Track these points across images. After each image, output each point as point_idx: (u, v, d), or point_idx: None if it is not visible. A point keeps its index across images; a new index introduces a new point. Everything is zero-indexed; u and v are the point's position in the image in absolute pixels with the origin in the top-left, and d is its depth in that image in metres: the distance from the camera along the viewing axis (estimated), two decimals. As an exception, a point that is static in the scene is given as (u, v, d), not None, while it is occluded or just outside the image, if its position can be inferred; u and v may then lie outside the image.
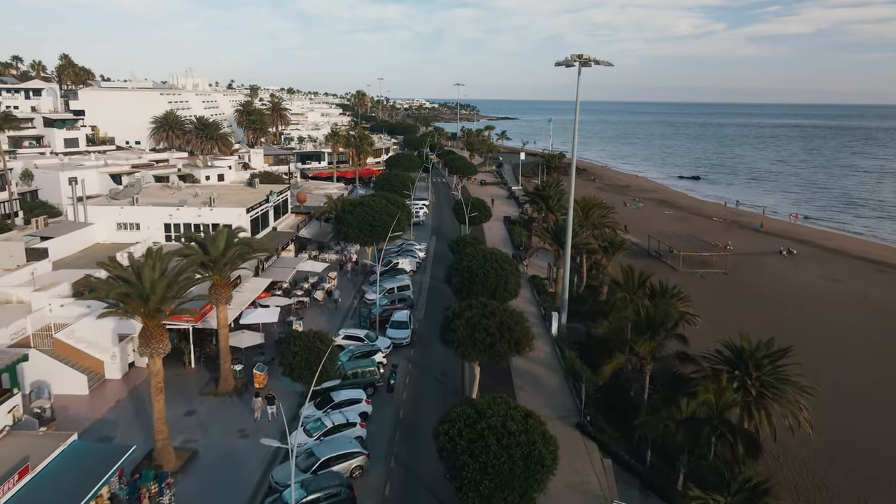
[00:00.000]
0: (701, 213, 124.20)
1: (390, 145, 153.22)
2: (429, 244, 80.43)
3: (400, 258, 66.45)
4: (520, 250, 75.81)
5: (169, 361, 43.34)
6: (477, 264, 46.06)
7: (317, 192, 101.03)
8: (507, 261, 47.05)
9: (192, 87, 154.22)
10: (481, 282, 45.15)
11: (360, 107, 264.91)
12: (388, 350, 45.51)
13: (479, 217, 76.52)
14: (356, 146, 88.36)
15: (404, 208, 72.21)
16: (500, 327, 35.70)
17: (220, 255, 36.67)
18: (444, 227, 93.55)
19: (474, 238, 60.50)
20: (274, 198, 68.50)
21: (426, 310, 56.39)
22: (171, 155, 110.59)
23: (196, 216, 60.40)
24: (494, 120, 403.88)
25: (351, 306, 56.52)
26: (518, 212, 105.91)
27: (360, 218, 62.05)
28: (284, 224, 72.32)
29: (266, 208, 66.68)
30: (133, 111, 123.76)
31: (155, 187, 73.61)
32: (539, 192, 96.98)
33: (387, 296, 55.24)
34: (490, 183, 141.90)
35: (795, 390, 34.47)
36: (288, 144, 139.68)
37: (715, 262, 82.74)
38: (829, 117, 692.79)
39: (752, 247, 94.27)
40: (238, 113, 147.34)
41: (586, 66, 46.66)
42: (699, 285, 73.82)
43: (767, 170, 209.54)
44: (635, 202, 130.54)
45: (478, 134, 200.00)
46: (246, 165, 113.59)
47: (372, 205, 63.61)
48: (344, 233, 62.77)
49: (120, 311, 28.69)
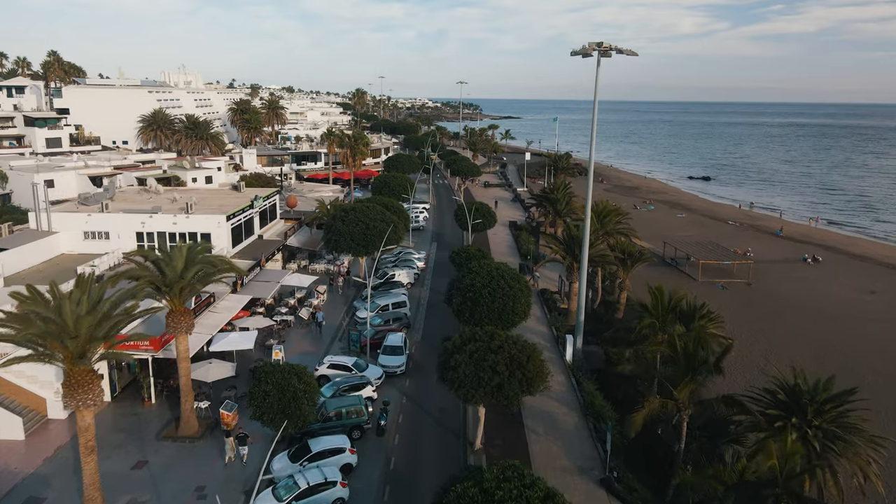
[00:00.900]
0: (715, 217, 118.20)
1: (390, 145, 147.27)
2: (429, 252, 74.65)
3: (396, 269, 60.65)
4: (528, 260, 69.96)
5: (125, 397, 37.84)
6: (481, 282, 40.25)
7: (310, 195, 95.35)
8: (515, 278, 41.23)
9: (185, 85, 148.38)
10: (486, 303, 39.36)
11: (360, 105, 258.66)
12: (379, 381, 39.76)
13: (484, 223, 70.74)
14: (350, 146, 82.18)
15: (402, 214, 66.45)
16: (509, 364, 29.92)
17: (177, 277, 30.93)
18: (446, 232, 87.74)
19: (478, 250, 54.56)
20: (259, 203, 62.77)
21: (424, 330, 50.58)
22: (159, 155, 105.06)
23: (171, 224, 54.70)
24: (498, 119, 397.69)
25: (340, 326, 50.77)
26: (524, 216, 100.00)
27: (352, 226, 56.30)
28: (272, 231, 66.61)
29: (250, 214, 60.95)
30: (120, 109, 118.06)
31: (132, 191, 67.96)
32: (546, 195, 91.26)
33: (380, 314, 49.50)
34: (494, 185, 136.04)
35: (864, 441, 28.68)
36: (284, 144, 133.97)
37: (735, 271, 76.89)
38: (835, 116, 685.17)
39: (774, 253, 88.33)
40: (232, 112, 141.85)
41: (606, 55, 40.79)
42: (721, 298, 68.04)
43: (779, 170, 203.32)
44: (646, 204, 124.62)
45: (481, 133, 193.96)
46: (237, 167, 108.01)
47: (365, 211, 57.84)
48: (334, 242, 57.01)
49: (34, 356, 22.93)
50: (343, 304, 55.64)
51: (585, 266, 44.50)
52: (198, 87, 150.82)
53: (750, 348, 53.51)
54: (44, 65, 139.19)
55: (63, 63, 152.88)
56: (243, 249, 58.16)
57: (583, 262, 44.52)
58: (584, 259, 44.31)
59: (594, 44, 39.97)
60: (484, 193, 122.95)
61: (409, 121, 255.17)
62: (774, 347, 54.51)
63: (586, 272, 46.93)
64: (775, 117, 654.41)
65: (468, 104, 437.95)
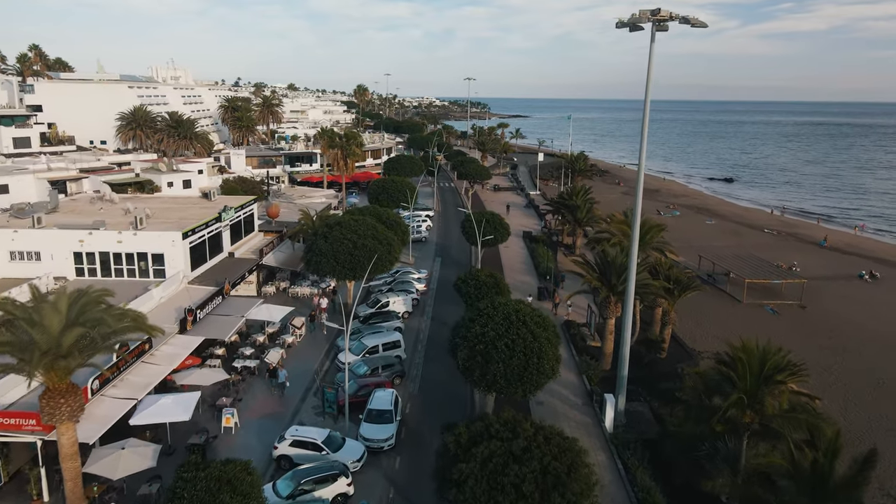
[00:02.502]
0: (747, 223, 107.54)
1: (393, 145, 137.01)
2: (431, 270, 64.54)
3: (391, 295, 50.52)
4: (547, 281, 59.56)
5: (11, 490, 27.97)
6: (495, 331, 30.12)
7: (301, 201, 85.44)
8: (540, 323, 31.05)
9: (173, 81, 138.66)
10: (502, 359, 29.26)
11: (362, 102, 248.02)
12: (358, 464, 29.72)
13: (495, 237, 60.58)
14: (341, 147, 71.65)
15: (399, 228, 56.32)
16: (540, 480, 19.84)
17: (54, 343, 21.00)
18: (452, 245, 77.46)
19: (490, 275, 43.99)
20: (229, 215, 52.84)
21: (423, 378, 40.48)
22: (137, 157, 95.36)
23: (115, 242, 44.91)
24: (506, 118, 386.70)
25: (317, 375, 40.68)
26: (540, 225, 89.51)
27: (337, 244, 46.23)
28: (247, 247, 56.69)
29: (217, 229, 51.04)
30: (98, 106, 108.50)
31: (84, 200, 58.19)
32: (564, 201, 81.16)
33: (366, 359, 39.52)
34: (505, 188, 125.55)
35: None
36: (278, 144, 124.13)
37: (784, 291, 66.56)
38: (850, 115, 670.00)
39: (823, 268, 77.71)
40: (223, 109, 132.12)
41: (662, 29, 30.54)
42: (773, 324, 57.91)
43: (803, 171, 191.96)
44: (671, 210, 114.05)
45: (490, 132, 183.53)
46: (222, 169, 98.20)
47: (353, 226, 47.76)
48: (315, 263, 46.98)
49: None
50: (325, 341, 45.57)
51: (631, 306, 34.02)
52: (187, 83, 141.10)
53: (821, 393, 43.15)
54: (20, 58, 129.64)
55: (45, 58, 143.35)
56: (207, 272, 48.34)
57: (627, 296, 34.00)
58: (631, 291, 33.76)
59: (647, 12, 29.73)
60: (494, 198, 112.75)
61: (414, 119, 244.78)
62: (854, 396, 44.19)
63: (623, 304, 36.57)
64: (788, 116, 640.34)
65: (476, 103, 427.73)
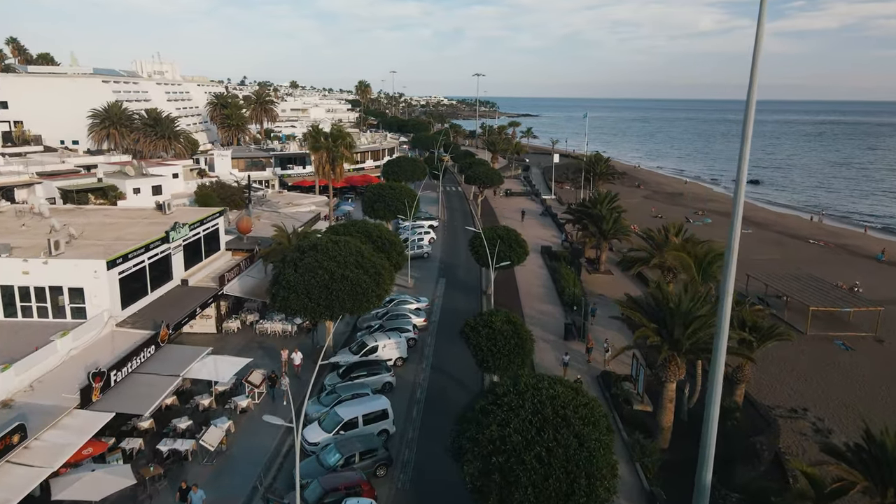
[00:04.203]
0: (788, 232, 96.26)
1: (395, 145, 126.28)
2: (434, 296, 53.82)
3: (380, 337, 39.78)
4: (574, 312, 48.54)
5: None
6: (522, 435, 19.43)
7: (288, 209, 75.05)
8: (588, 417, 20.36)
9: (157, 75, 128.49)
10: (532, 482, 18.57)
11: (365, 99, 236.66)
12: None
13: (512, 257, 49.83)
14: (327, 149, 60.41)
15: (393, 249, 45.59)
16: None
17: None
18: (459, 264, 66.48)
19: (509, 322, 32.60)
20: (181, 233, 42.39)
21: (416, 468, 29.77)
22: (109, 158, 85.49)
23: (20, 274, 34.60)
24: (515, 117, 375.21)
25: (259, 485, 30.13)
26: (560, 237, 78.33)
27: (309, 276, 35.67)
28: (209, 271, 46.24)
29: (164, 252, 40.63)
30: (70, 103, 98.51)
31: (10, 213, 47.86)
32: (587, 210, 70.56)
33: (340, 441, 28.93)
34: (517, 193, 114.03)
35: None
36: (270, 144, 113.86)
37: (853, 319, 55.62)
38: (868, 113, 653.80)
39: (889, 288, 66.41)
40: (212, 107, 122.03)
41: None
42: (847, 363, 47.32)
43: (832, 174, 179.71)
44: (701, 217, 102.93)
45: (500, 132, 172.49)
46: (203, 172, 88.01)
47: (332, 252, 37.13)
48: (281, 300, 36.43)
49: None
50: (289, 408, 34.90)
51: (720, 385, 22.84)
52: (174, 79, 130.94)
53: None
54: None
55: (25, 52, 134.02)
56: (146, 309, 37.94)
57: (716, 370, 22.68)
58: (720, 366, 22.48)
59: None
60: (506, 205, 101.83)
61: (420, 118, 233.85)
62: None
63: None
64: (804, 115, 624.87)
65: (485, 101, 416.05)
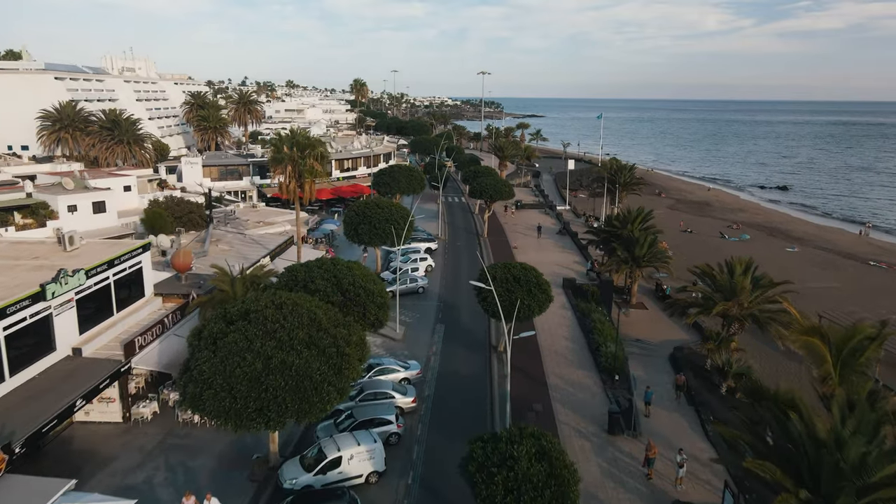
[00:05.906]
0: (840, 251, 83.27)
1: (392, 149, 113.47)
2: (429, 355, 41.05)
3: (345, 445, 26.99)
4: (616, 383, 35.62)
5: None
6: None
7: (255, 230, 62.60)
8: None
9: (128, 72, 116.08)
10: None
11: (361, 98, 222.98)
12: None
13: (532, 307, 37.17)
14: (292, 161, 46.65)
15: (370, 301, 32.93)
16: None
17: None
18: (461, 304, 52.41)
19: (558, 489, 19.94)
20: (66, 286, 29.90)
21: None
22: (55, 167, 73.36)
23: None
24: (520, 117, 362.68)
25: None
26: (587, 266, 64.86)
27: (232, 367, 23.10)
28: (118, 331, 33.75)
29: (39, 313, 28.18)
30: (19, 103, 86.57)
31: None
32: (614, 230, 58.17)
33: None
34: (529, 205, 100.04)
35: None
36: (249, 150, 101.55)
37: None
38: (882, 114, 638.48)
39: None
40: (188, 107, 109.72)
41: None
42: None
43: (861, 179, 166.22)
44: (738, 232, 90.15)
45: (507, 134, 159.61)
46: (164, 184, 75.68)
47: (270, 323, 24.55)
48: (191, 398, 23.85)
49: None
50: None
51: None
52: (148, 76, 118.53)
53: None
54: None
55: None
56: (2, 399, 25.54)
57: None
58: None
59: None
60: (518, 220, 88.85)
61: (421, 119, 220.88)
62: None
63: None
64: (815, 115, 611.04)
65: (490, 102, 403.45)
